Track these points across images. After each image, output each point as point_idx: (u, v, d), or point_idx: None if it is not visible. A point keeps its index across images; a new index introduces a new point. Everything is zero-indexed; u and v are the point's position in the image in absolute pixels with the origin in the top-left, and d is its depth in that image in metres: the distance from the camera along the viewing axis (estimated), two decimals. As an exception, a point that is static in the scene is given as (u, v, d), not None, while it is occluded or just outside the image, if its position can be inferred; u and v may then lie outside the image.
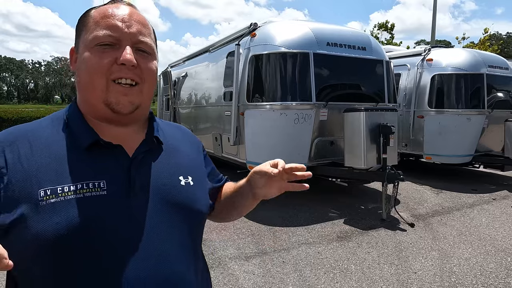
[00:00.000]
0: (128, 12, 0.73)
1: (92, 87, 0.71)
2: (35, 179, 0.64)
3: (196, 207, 0.78)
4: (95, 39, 0.70)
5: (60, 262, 0.63)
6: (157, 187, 0.72)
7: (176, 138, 0.86)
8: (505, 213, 4.62)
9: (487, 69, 6.25)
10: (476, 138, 6.05)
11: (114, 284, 0.64)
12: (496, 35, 37.80)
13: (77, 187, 0.65)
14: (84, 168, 0.68)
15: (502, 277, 2.93)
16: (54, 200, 0.63)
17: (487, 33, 15.80)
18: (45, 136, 0.71)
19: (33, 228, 0.61)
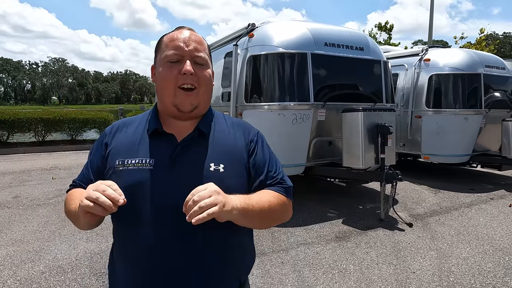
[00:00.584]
0: (188, 35, 1.00)
1: (165, 92, 0.98)
2: (118, 152, 0.99)
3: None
4: (166, 57, 0.97)
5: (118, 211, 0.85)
6: (191, 167, 0.94)
7: (224, 130, 1.05)
8: (502, 213, 4.63)
9: (484, 69, 6.27)
10: (473, 137, 6.07)
11: (142, 232, 0.91)
12: (493, 35, 37.98)
13: (136, 161, 0.95)
14: (144, 148, 0.97)
15: (500, 276, 2.94)
16: (122, 168, 0.95)
17: (483, 33, 15.84)
18: (135, 124, 1.05)
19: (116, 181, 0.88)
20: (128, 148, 0.98)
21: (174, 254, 0.89)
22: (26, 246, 3.49)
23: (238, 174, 0.99)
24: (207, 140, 0.99)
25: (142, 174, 0.93)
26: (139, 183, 0.92)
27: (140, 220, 0.91)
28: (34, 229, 3.95)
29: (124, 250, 0.95)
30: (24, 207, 4.80)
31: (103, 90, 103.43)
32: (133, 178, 0.92)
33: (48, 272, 2.96)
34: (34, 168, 7.65)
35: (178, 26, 1.05)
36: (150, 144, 0.97)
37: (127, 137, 1.01)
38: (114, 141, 1.01)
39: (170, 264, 0.89)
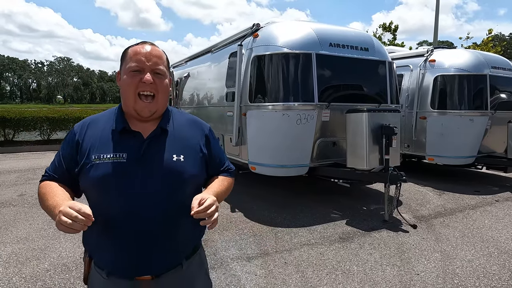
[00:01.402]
0: (149, 49, 1.16)
1: (128, 97, 1.15)
2: (91, 147, 1.14)
3: (182, 176, 1.15)
4: (129, 68, 1.14)
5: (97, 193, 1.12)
6: (157, 159, 1.14)
7: (181, 126, 1.24)
8: (508, 215, 4.60)
9: (490, 70, 6.23)
10: (478, 139, 6.03)
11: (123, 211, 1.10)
12: (499, 36, 37.68)
13: (110, 155, 1.11)
14: (116, 144, 1.13)
15: (505, 279, 2.92)
16: (98, 162, 1.11)
17: (491, 34, 15.71)
18: (102, 122, 1.20)
19: (89, 175, 1.11)
20: (101, 144, 1.13)
21: (144, 221, 1.12)
22: (31, 244, 3.52)
23: (196, 162, 1.21)
24: (167, 135, 1.19)
25: (117, 166, 1.10)
26: (115, 174, 1.09)
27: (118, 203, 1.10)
28: (39, 227, 3.98)
29: (108, 222, 1.12)
30: (29, 205, 4.83)
31: (108, 89, 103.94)
32: (110, 169, 1.09)
33: (53, 270, 2.99)
34: (39, 167, 7.71)
35: (142, 41, 1.22)
36: (121, 141, 1.14)
37: (98, 134, 1.16)
38: (85, 137, 1.16)
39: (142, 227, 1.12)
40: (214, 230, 3.94)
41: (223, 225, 4.11)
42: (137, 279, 1.14)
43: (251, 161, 4.81)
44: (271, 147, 4.66)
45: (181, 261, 1.20)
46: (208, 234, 3.85)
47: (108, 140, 1.14)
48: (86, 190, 1.16)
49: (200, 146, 1.24)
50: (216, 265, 3.11)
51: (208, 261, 3.21)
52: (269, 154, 4.68)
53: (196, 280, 1.25)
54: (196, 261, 1.27)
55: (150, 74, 1.13)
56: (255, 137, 4.76)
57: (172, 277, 1.17)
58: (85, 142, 1.15)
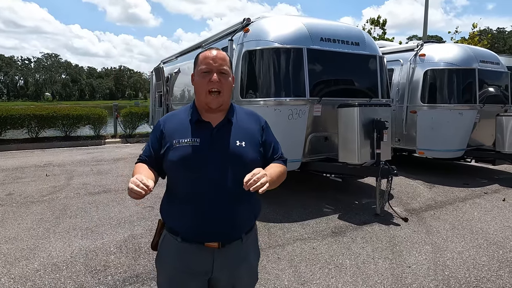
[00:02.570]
0: (215, 54, 1.39)
1: (200, 94, 1.40)
2: (173, 134, 1.40)
3: (243, 159, 1.36)
4: (200, 70, 1.39)
5: (176, 169, 1.37)
6: (224, 144, 1.37)
7: (243, 119, 1.48)
8: (496, 207, 4.68)
9: (479, 64, 6.30)
10: (468, 132, 6.11)
11: (197, 186, 1.34)
12: (487, 30, 38.13)
13: (187, 140, 1.37)
14: (192, 132, 1.39)
15: (495, 269, 2.97)
16: (178, 145, 1.36)
17: (476, 28, 15.90)
18: (180, 115, 1.47)
19: (171, 155, 1.36)
20: (180, 132, 1.39)
21: (212, 191, 1.34)
22: (20, 244, 3.46)
23: (254, 149, 1.43)
24: (232, 125, 1.42)
25: (192, 148, 1.35)
26: (191, 154, 1.34)
27: (195, 177, 1.34)
28: (28, 227, 3.92)
29: (184, 194, 1.37)
30: (17, 205, 4.75)
31: (97, 86, 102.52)
32: (187, 151, 1.35)
33: (43, 269, 2.94)
34: (27, 165, 7.57)
35: (210, 47, 1.51)
36: (195, 129, 1.39)
37: (177, 124, 1.43)
38: (167, 127, 1.43)
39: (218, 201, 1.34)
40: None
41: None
42: (206, 245, 1.35)
43: (243, 157, 4.79)
44: (263, 142, 4.64)
45: (241, 235, 1.41)
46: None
47: (186, 128, 1.40)
48: (168, 168, 1.39)
49: (258, 135, 1.48)
50: (209, 262, 3.09)
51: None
52: (261, 150, 4.66)
53: (251, 251, 1.49)
54: (252, 236, 1.50)
55: (217, 74, 1.36)
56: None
57: (233, 248, 1.39)
58: (167, 131, 1.42)
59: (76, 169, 7.15)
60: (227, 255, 1.38)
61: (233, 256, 1.40)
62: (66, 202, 4.84)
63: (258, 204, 1.53)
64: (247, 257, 1.46)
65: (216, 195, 1.34)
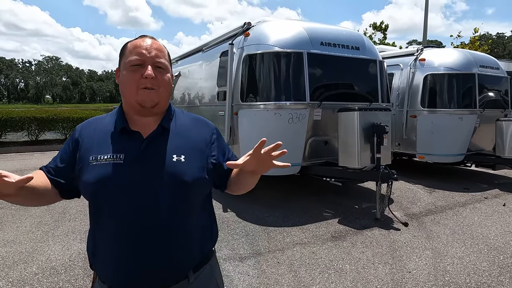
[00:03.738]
0: (150, 43, 1.10)
1: (129, 93, 1.08)
2: (90, 148, 1.08)
3: (181, 178, 1.05)
4: (129, 62, 1.07)
5: (93, 196, 1.06)
6: (155, 159, 1.06)
7: (184, 125, 1.16)
8: (497, 212, 4.66)
9: (478, 69, 6.31)
10: (468, 137, 6.10)
11: (121, 217, 1.02)
12: (486, 35, 38.27)
13: (108, 156, 1.05)
14: (114, 144, 1.07)
15: (495, 275, 2.95)
16: (95, 163, 1.04)
17: (477, 33, 15.97)
18: (102, 123, 1.15)
19: (85, 177, 1.04)
20: (99, 145, 1.08)
21: (143, 228, 1.03)
22: (18, 247, 3.44)
23: (198, 164, 1.10)
24: (169, 134, 1.11)
25: (114, 167, 1.03)
26: (112, 175, 1.03)
27: (115, 208, 1.03)
28: (27, 230, 3.90)
29: (106, 228, 1.06)
30: (16, 208, 4.73)
31: (98, 89, 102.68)
32: (106, 171, 1.03)
33: (41, 273, 2.92)
34: (27, 168, 7.56)
35: (141, 35, 1.15)
36: (119, 141, 1.08)
37: (97, 134, 1.11)
38: (85, 138, 1.11)
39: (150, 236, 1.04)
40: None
41: (215, 225, 4.08)
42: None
43: (243, 161, 4.79)
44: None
45: (187, 273, 1.08)
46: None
47: (107, 140, 1.08)
48: (84, 193, 1.08)
49: (204, 146, 1.14)
50: (209, 266, 3.08)
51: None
52: (261, 154, 4.66)
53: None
54: (206, 273, 1.14)
55: (152, 67, 1.06)
56: (246, 137, 4.74)
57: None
58: (84, 142, 1.10)
59: (76, 172, 7.13)
60: None
61: None
62: (65, 205, 4.82)
63: (210, 232, 1.19)
64: None
65: (147, 229, 1.02)
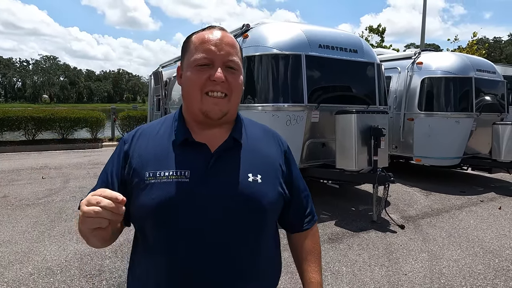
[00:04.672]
0: (220, 36, 0.90)
1: (192, 98, 0.90)
2: (146, 163, 0.89)
3: (260, 203, 0.89)
4: (195, 61, 0.88)
5: (151, 221, 0.87)
6: (229, 180, 0.88)
7: (257, 138, 0.99)
8: (492, 215, 4.69)
9: (475, 72, 6.35)
10: (464, 140, 6.14)
11: (185, 249, 0.85)
12: (483, 39, 38.52)
13: (169, 173, 0.87)
14: (176, 159, 0.89)
15: (490, 278, 2.97)
16: (154, 181, 0.86)
17: (476, 37, 16.07)
18: (157, 131, 0.95)
19: (142, 198, 0.86)
20: (157, 159, 0.89)
21: (208, 263, 0.85)
22: (14, 247, 3.42)
23: (275, 184, 0.94)
24: (241, 148, 0.93)
25: (178, 187, 0.85)
26: (175, 197, 0.85)
27: (181, 236, 0.85)
28: (23, 230, 3.88)
29: (158, 257, 0.88)
30: (12, 207, 4.71)
31: (95, 89, 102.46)
32: (167, 191, 0.85)
33: (37, 273, 2.91)
34: (23, 167, 7.53)
35: (208, 26, 0.96)
36: (182, 155, 0.89)
37: (153, 146, 0.92)
38: (137, 150, 0.92)
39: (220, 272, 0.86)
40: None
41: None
42: None
43: (241, 162, 4.79)
44: (260, 148, 4.64)
45: None
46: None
47: (167, 154, 0.89)
48: (137, 217, 0.90)
49: (280, 164, 0.98)
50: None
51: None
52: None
53: None
54: None
55: (222, 68, 0.87)
56: (244, 138, 4.74)
57: None
58: (137, 156, 0.91)
59: (73, 172, 7.11)
60: None
61: None
62: (62, 205, 4.80)
63: (278, 264, 1.08)
64: None
65: (217, 263, 0.86)
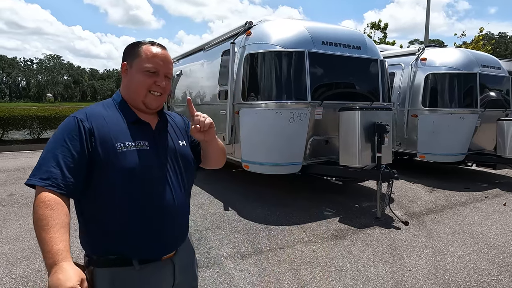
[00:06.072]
0: (165, 54, 1.27)
1: (139, 93, 1.24)
2: (113, 137, 1.16)
3: (188, 159, 1.34)
4: (146, 68, 1.23)
5: (123, 180, 1.15)
6: (169, 146, 1.29)
7: (174, 119, 1.42)
8: (497, 211, 4.67)
9: (480, 68, 6.31)
10: (469, 137, 6.11)
11: (153, 196, 1.20)
12: (489, 35, 38.15)
13: (135, 143, 1.19)
14: (133, 133, 1.21)
15: (495, 274, 2.97)
16: (125, 150, 1.16)
17: (482, 32, 15.92)
18: (107, 114, 1.22)
19: (120, 163, 1.14)
20: (122, 133, 1.18)
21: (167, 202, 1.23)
22: (21, 244, 3.47)
23: (188, 146, 1.39)
24: (168, 126, 1.35)
25: (143, 153, 1.19)
26: (144, 159, 1.19)
27: (144, 188, 1.18)
28: (30, 227, 3.93)
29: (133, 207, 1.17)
30: (19, 205, 4.77)
31: (99, 87, 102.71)
32: (138, 155, 1.18)
33: (44, 270, 2.95)
34: (29, 166, 7.60)
35: (151, 41, 1.29)
36: (136, 131, 1.22)
37: (113, 125, 1.19)
38: (99, 127, 1.16)
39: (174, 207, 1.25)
40: (207, 228, 3.93)
41: (217, 224, 4.10)
42: (163, 259, 1.23)
43: (244, 160, 4.81)
44: (264, 145, 4.66)
45: (187, 233, 1.39)
46: (201, 232, 3.84)
47: (126, 130, 1.20)
48: (112, 180, 1.13)
49: (188, 134, 1.42)
50: (210, 264, 3.10)
51: (202, 259, 3.21)
52: (262, 152, 4.68)
53: (191, 245, 1.45)
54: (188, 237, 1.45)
55: (162, 77, 1.26)
56: (248, 136, 4.76)
57: (183, 249, 1.33)
58: (99, 132, 1.14)
59: (78, 170, 7.15)
60: (182, 257, 1.31)
61: (185, 256, 1.34)
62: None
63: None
64: (192, 253, 1.43)
65: (172, 201, 1.23)
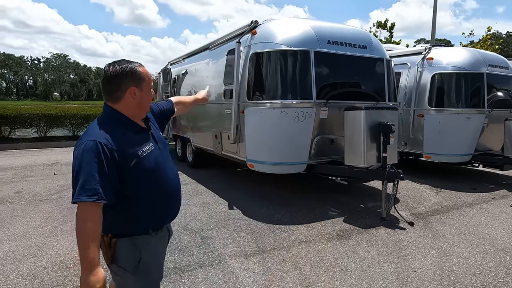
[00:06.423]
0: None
1: (145, 106, 1.59)
2: (133, 147, 1.47)
3: (165, 142, 1.71)
4: (150, 87, 1.58)
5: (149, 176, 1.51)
6: (158, 138, 1.66)
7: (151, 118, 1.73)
8: (504, 212, 4.63)
9: (487, 68, 6.24)
10: (475, 137, 6.05)
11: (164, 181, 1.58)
12: (496, 34, 37.73)
13: (148, 147, 1.53)
14: (143, 139, 1.54)
15: (501, 276, 2.94)
16: (146, 154, 1.50)
17: (490, 31, 15.73)
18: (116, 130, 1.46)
19: (145, 165, 1.48)
20: (136, 143, 1.50)
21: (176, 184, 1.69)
22: (28, 241, 3.51)
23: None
24: (152, 125, 1.67)
25: (156, 152, 1.57)
26: (158, 158, 1.56)
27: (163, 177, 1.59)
28: (36, 224, 3.97)
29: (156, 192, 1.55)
30: (26, 203, 4.82)
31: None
32: (155, 156, 1.54)
33: (51, 267, 2.98)
34: (36, 164, 7.68)
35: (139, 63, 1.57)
36: (142, 136, 1.55)
37: (128, 138, 1.48)
38: (119, 145, 1.42)
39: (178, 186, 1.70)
40: (211, 227, 3.94)
41: (221, 223, 4.11)
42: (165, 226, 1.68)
43: (249, 159, 4.81)
44: (269, 144, 4.66)
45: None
46: (206, 231, 3.85)
47: (135, 139, 1.50)
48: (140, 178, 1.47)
49: (156, 119, 1.82)
50: (214, 262, 3.11)
51: (206, 258, 3.21)
52: (267, 152, 4.68)
53: None
54: None
55: None
56: (253, 135, 4.76)
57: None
58: (120, 148, 1.41)
59: (84, 168, 7.21)
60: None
61: None
62: (74, 201, 4.89)
63: None
64: None
65: (176, 183, 1.67)
